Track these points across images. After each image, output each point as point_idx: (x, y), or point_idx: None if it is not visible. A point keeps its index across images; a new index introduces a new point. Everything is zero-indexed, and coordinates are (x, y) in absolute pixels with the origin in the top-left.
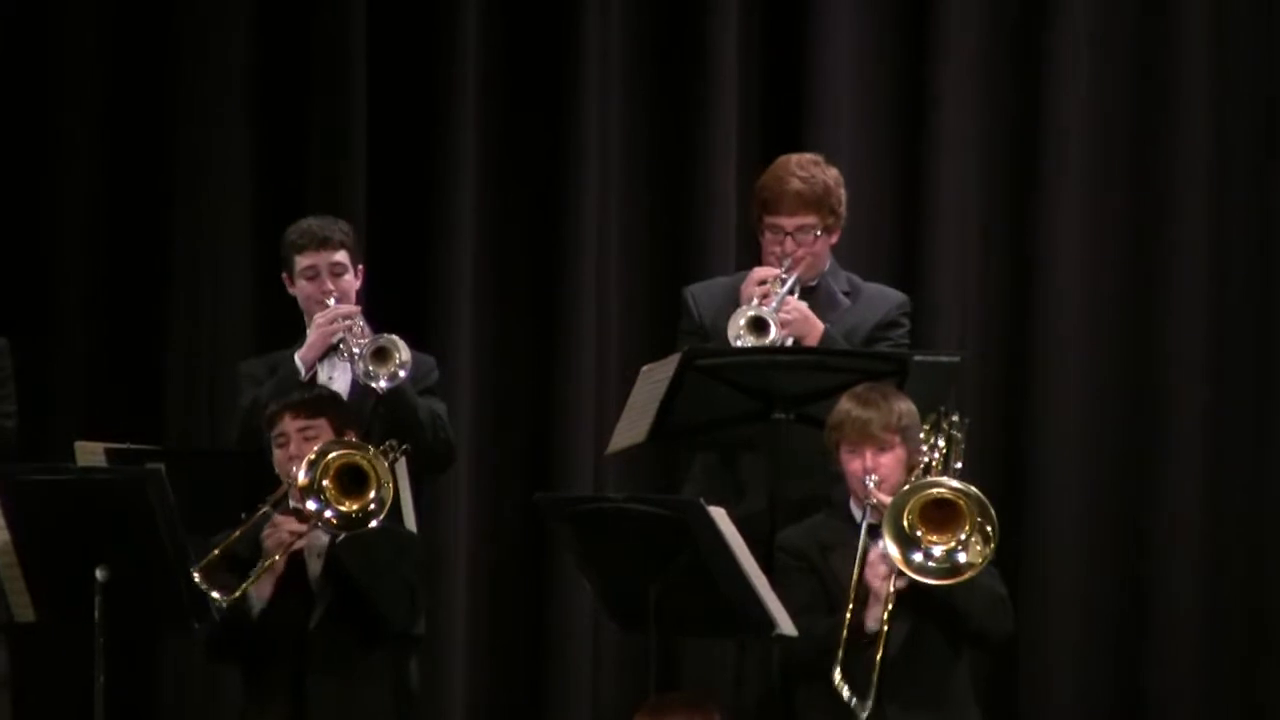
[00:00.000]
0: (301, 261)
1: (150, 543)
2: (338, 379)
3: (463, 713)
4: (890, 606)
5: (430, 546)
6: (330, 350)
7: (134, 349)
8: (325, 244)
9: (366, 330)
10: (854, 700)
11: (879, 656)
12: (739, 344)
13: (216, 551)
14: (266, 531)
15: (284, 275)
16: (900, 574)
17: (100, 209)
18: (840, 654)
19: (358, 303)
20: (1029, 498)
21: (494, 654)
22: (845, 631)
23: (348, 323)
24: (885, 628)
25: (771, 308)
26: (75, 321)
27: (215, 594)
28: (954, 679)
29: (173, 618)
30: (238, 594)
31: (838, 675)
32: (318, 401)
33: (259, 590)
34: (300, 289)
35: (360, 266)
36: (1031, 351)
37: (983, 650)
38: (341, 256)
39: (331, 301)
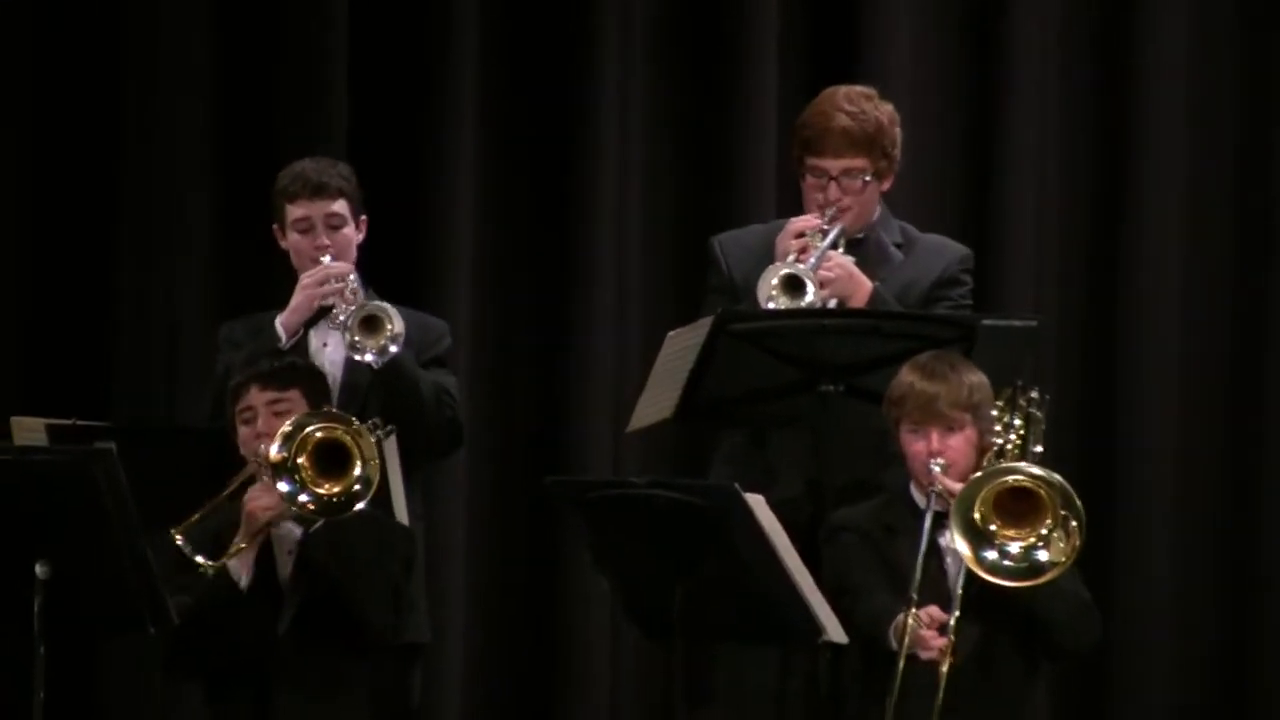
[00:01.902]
0: (293, 212)
1: (98, 534)
2: (331, 348)
3: None
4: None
5: (424, 540)
6: (321, 315)
7: (77, 307)
8: (321, 192)
9: (360, 294)
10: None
11: (939, 694)
12: (771, 306)
13: (199, 514)
14: (253, 494)
15: (274, 227)
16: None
17: (36, 144)
18: (896, 692)
19: (359, 260)
20: (1117, 488)
21: (496, 664)
22: (902, 662)
23: (339, 285)
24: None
25: (809, 264)
26: (7, 276)
27: (200, 559)
28: (1027, 700)
29: (124, 621)
30: (222, 561)
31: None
32: (289, 371)
33: (242, 563)
34: (292, 243)
35: (363, 218)
36: (1117, 315)
37: (1062, 664)
38: (340, 206)
39: (327, 259)
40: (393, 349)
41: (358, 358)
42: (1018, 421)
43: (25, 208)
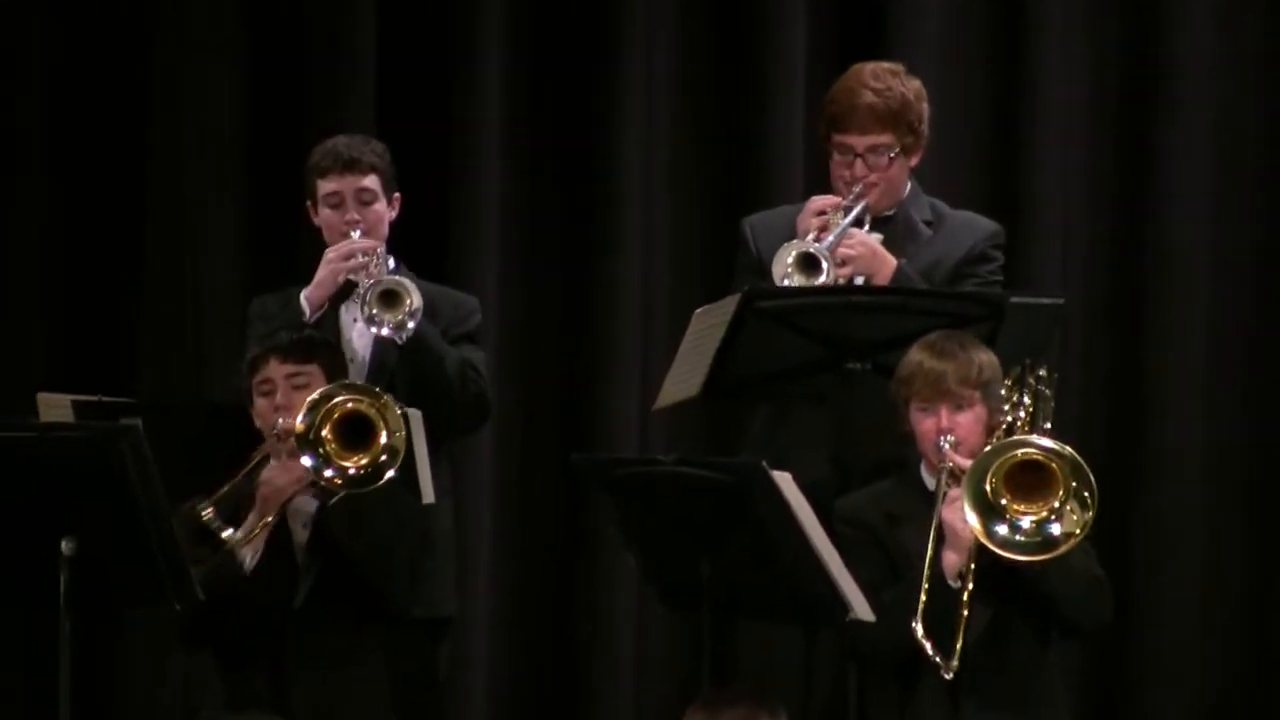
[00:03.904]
0: (325, 186)
1: (124, 510)
2: (362, 324)
3: (485, 707)
4: (974, 562)
5: (452, 515)
6: (350, 290)
7: (104, 284)
8: (352, 167)
9: (385, 269)
10: (938, 656)
11: (964, 614)
12: (786, 284)
13: (215, 496)
14: (269, 472)
15: (307, 202)
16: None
17: (64, 119)
18: (921, 607)
19: (392, 237)
20: (1141, 462)
21: (522, 639)
22: (926, 584)
23: (364, 260)
24: (969, 584)
25: (828, 243)
26: (34, 253)
27: (227, 534)
28: (1041, 673)
29: (150, 596)
30: (244, 534)
31: (919, 629)
32: (308, 344)
33: (251, 545)
34: (323, 218)
35: (396, 195)
36: (1146, 293)
37: (1074, 640)
38: (371, 182)
39: (356, 234)
40: (410, 324)
41: (374, 330)
42: (1027, 399)
43: (53, 185)
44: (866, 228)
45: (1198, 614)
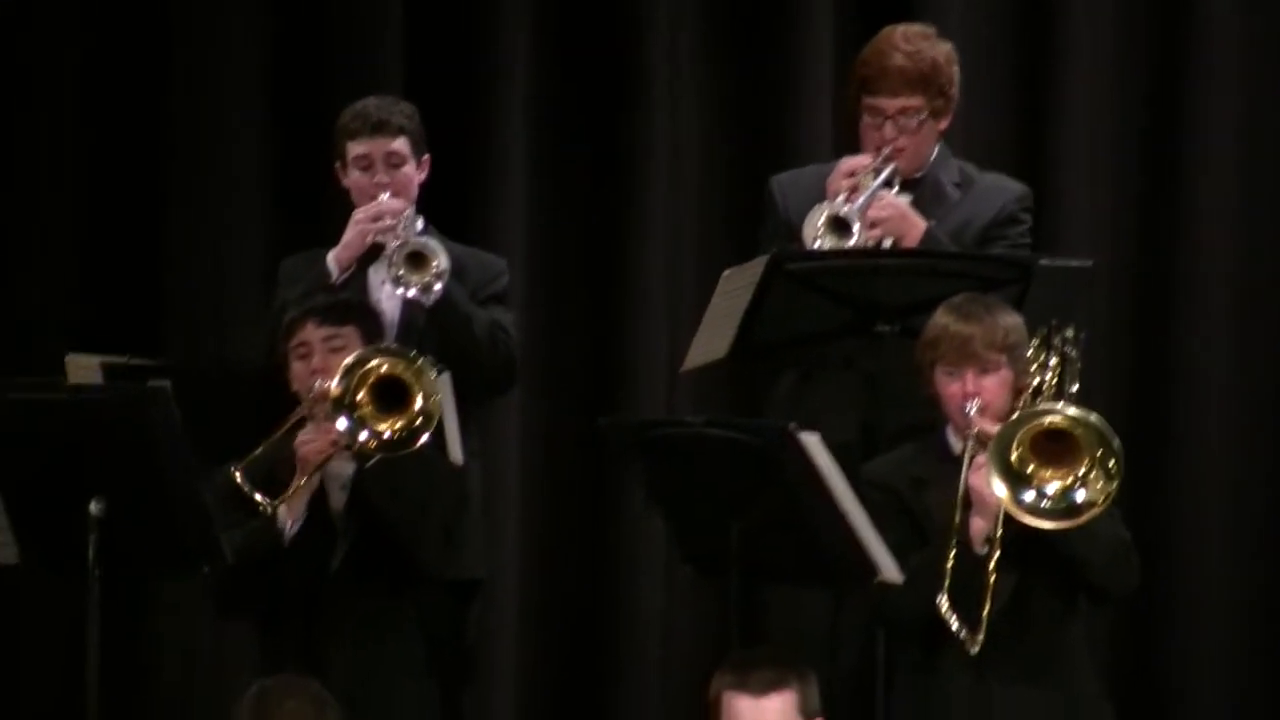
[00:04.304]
0: (354, 149)
1: (153, 472)
2: (390, 286)
3: (514, 669)
4: (1000, 527)
5: (481, 478)
6: (379, 252)
7: (131, 245)
8: (382, 129)
9: (413, 231)
10: (963, 631)
11: (991, 581)
12: (816, 246)
13: (257, 452)
14: (304, 437)
15: (336, 164)
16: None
17: (91, 85)
18: (947, 580)
19: (419, 198)
20: (1167, 428)
21: (550, 602)
22: (953, 552)
23: (391, 222)
24: (996, 550)
25: (859, 205)
26: (63, 216)
27: (258, 497)
28: (1067, 639)
29: (178, 559)
30: (280, 501)
31: (944, 602)
32: (345, 307)
33: (293, 508)
34: (352, 180)
35: (425, 157)
36: (1175, 255)
37: (1101, 606)
38: (400, 145)
39: (385, 196)
40: (437, 286)
41: (401, 292)
42: (1053, 362)
43: (79, 146)
44: (895, 190)
45: (1224, 581)
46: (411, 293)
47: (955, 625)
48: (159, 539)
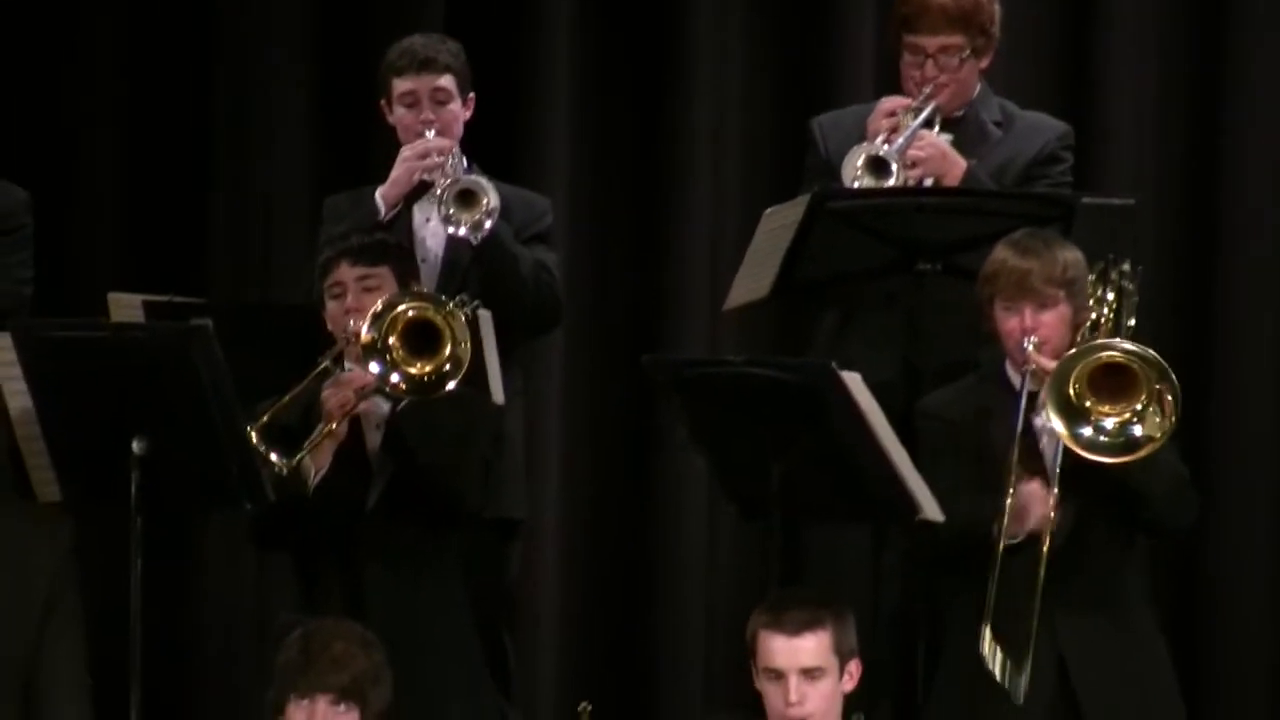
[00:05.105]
0: (400, 86)
1: (195, 410)
2: (435, 224)
3: (556, 609)
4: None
5: (523, 417)
6: (424, 190)
7: (174, 183)
8: (428, 66)
9: (461, 169)
10: (1007, 666)
11: (1041, 571)
12: (856, 186)
13: (285, 399)
14: (327, 390)
15: (381, 101)
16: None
17: (135, 25)
18: (990, 613)
19: (463, 138)
20: (1218, 362)
21: (592, 542)
22: (1011, 487)
23: (439, 159)
24: (1055, 486)
25: (898, 145)
26: (106, 155)
27: (274, 456)
28: (1125, 573)
29: (221, 496)
30: (297, 459)
31: (986, 642)
32: (379, 247)
33: (317, 459)
34: (398, 118)
35: (470, 95)
36: (1218, 194)
37: (1159, 540)
38: (446, 82)
39: (430, 134)
40: (488, 224)
41: (451, 230)
42: (1110, 296)
43: (122, 86)
44: (936, 129)
45: (1267, 523)
46: (462, 231)
47: (999, 665)
48: (201, 477)
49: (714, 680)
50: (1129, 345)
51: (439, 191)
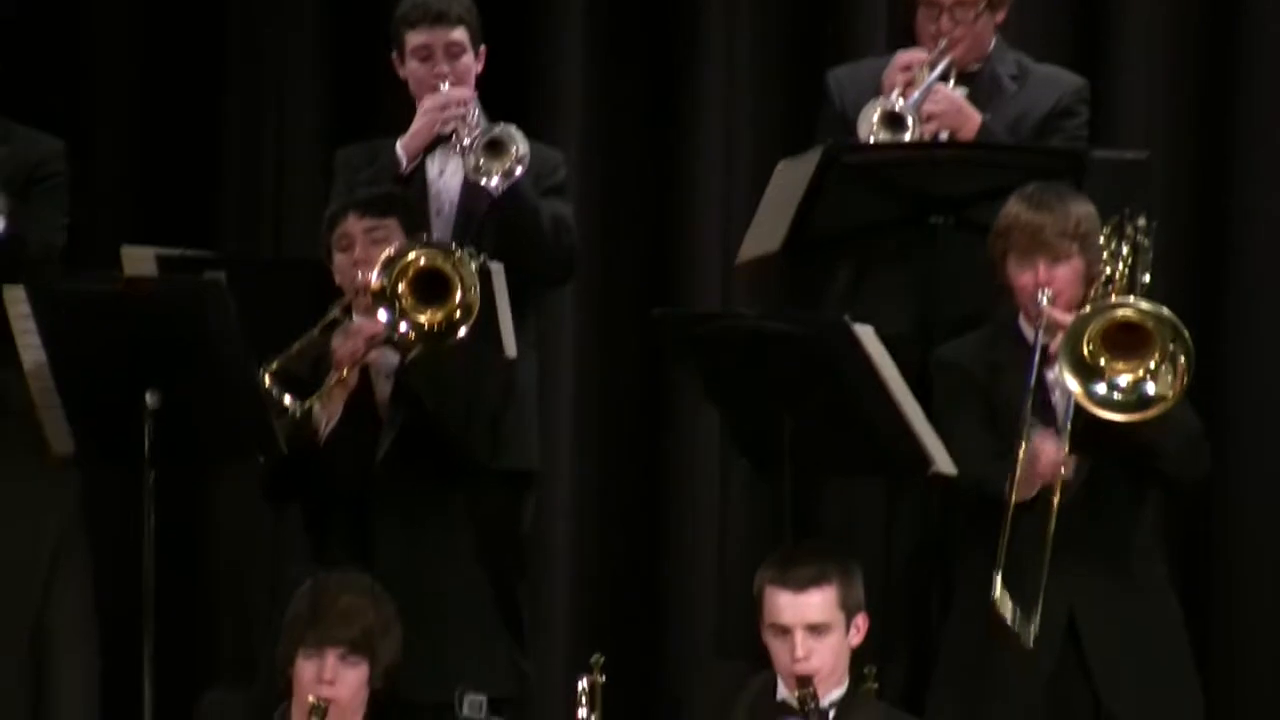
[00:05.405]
0: (413, 39)
1: (208, 364)
2: (451, 175)
3: (568, 561)
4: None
5: (538, 369)
6: (439, 142)
7: (186, 136)
8: (441, 19)
9: (482, 120)
10: (1017, 614)
11: (1052, 524)
12: (872, 141)
13: (296, 347)
14: (337, 339)
15: (393, 55)
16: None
17: None
18: (1000, 563)
19: (476, 89)
20: (1229, 318)
21: (604, 494)
22: (1024, 440)
23: (461, 110)
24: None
25: (914, 100)
26: (119, 108)
27: (287, 398)
28: (1137, 526)
29: (233, 448)
30: (309, 404)
31: (997, 588)
32: (387, 199)
33: (328, 408)
34: (411, 71)
35: (482, 48)
36: (1233, 146)
37: (1173, 494)
38: (460, 34)
39: (444, 86)
40: (518, 170)
41: (483, 182)
42: (1125, 250)
43: (135, 38)
44: (952, 83)
45: None
46: (494, 181)
47: (1010, 613)
48: (214, 429)
49: (725, 631)
50: (1144, 304)
51: (467, 142)
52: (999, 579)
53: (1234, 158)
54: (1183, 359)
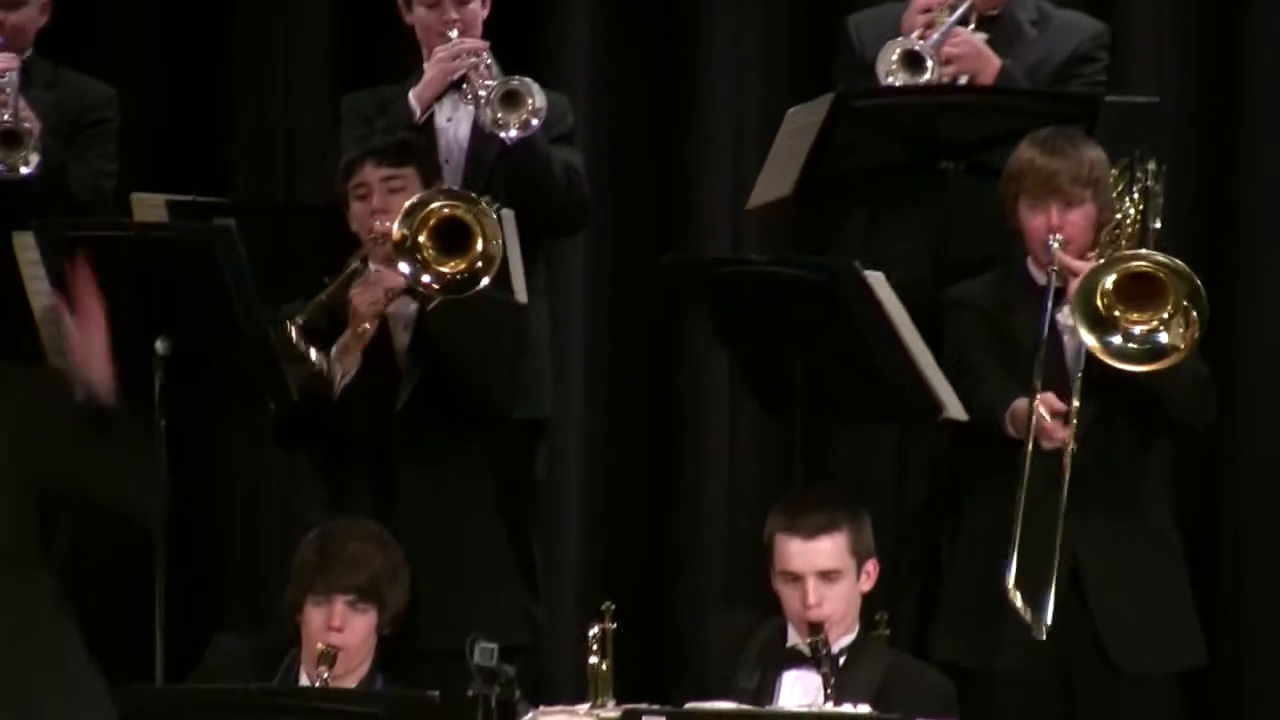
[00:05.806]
0: None
1: (218, 310)
2: (459, 122)
3: (579, 506)
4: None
5: (548, 316)
6: (450, 89)
7: (196, 83)
8: None
9: (495, 70)
10: (1028, 612)
11: (1067, 457)
12: (890, 82)
13: (321, 297)
14: (357, 289)
15: (400, 2)
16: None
17: None
18: (1015, 550)
19: (484, 36)
20: (1243, 262)
21: (616, 440)
22: (1029, 442)
23: (473, 60)
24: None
25: (933, 41)
26: (131, 55)
27: (313, 353)
28: (1144, 471)
29: (244, 396)
30: (326, 354)
31: (1010, 580)
32: (404, 147)
33: (344, 362)
34: (418, 18)
35: None
36: (1243, 88)
37: (1180, 439)
38: None
39: (454, 34)
40: (535, 122)
41: (501, 134)
42: (1135, 195)
43: None
44: (972, 27)
45: None
46: (512, 133)
47: (1020, 605)
48: (224, 377)
49: (736, 577)
50: (1160, 257)
51: (482, 94)
52: (1013, 573)
53: (1244, 103)
54: (1195, 313)
